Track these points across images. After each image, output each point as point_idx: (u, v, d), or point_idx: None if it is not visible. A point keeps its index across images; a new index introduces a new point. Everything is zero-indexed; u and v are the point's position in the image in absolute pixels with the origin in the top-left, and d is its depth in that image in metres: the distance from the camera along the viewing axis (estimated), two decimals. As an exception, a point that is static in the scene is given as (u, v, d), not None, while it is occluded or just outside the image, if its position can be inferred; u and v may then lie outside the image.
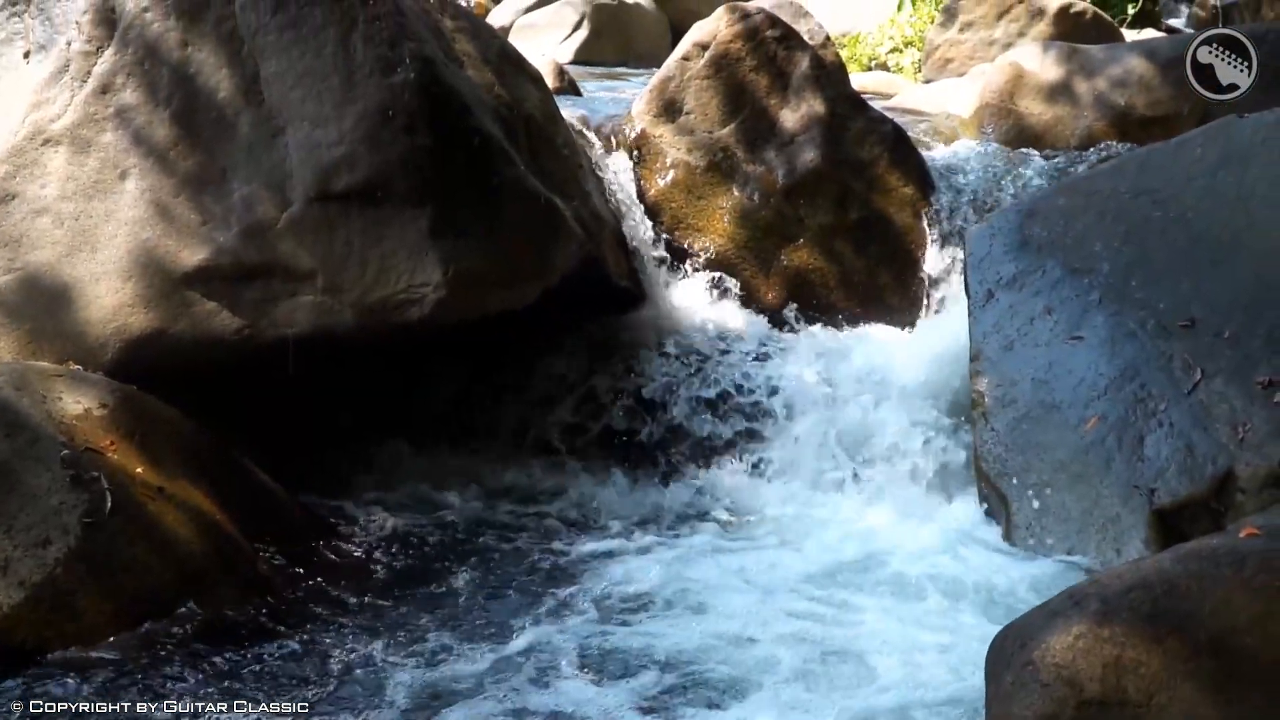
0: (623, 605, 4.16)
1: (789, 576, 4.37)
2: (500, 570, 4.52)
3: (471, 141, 4.90)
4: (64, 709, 3.39)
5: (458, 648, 3.85)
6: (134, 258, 4.77)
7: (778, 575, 4.39)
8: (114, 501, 3.93)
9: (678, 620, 4.04)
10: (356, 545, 4.68)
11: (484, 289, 4.94)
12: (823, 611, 4.08)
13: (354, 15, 4.84)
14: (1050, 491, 4.44)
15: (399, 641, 3.90)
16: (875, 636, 3.88)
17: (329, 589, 4.28)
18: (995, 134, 7.07)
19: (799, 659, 3.75)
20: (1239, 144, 4.69)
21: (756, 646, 3.85)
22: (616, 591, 4.25)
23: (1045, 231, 5.06)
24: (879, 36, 11.38)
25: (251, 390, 4.94)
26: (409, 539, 4.77)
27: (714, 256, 6.13)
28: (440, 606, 4.20)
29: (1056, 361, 4.68)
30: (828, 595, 4.22)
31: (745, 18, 6.38)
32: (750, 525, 4.98)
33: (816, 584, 4.30)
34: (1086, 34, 8.79)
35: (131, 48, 4.88)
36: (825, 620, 4.02)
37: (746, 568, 4.47)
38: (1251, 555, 2.81)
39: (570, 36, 13.46)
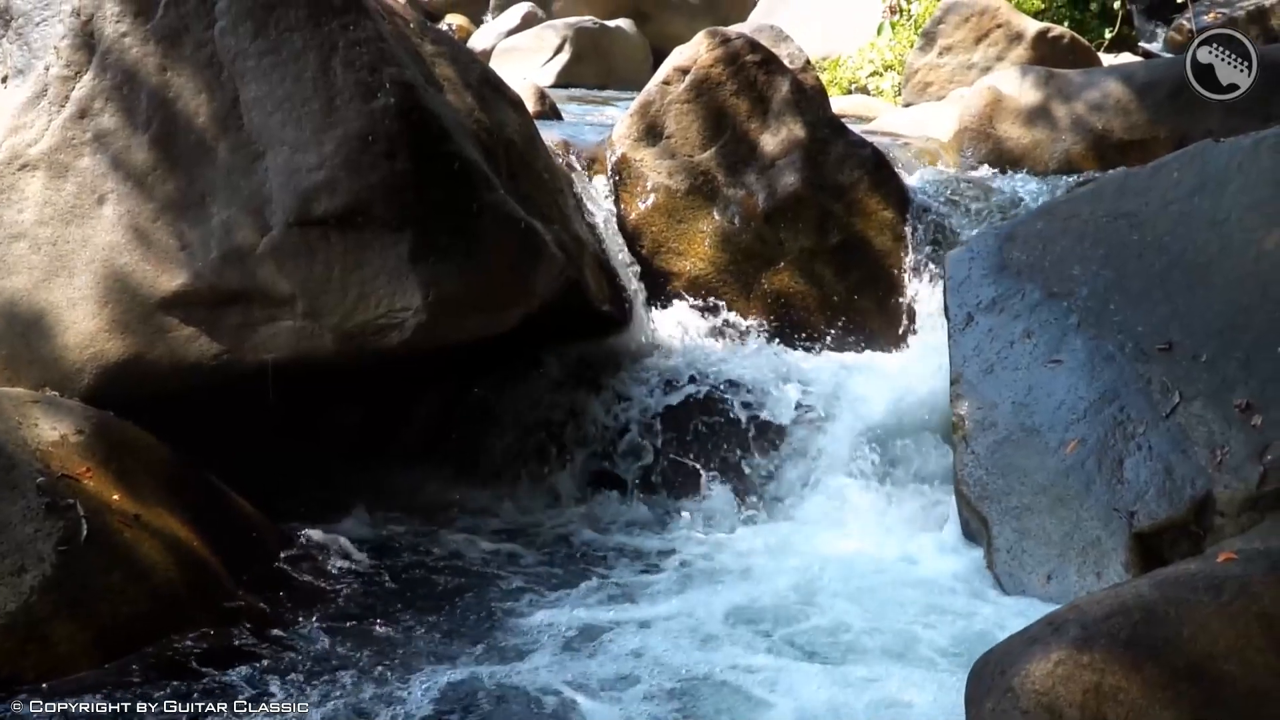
0: (591, 641, 4.11)
1: (765, 604, 4.34)
2: (482, 599, 4.48)
3: (452, 166, 4.90)
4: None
5: (437, 679, 3.82)
6: (111, 283, 4.75)
7: (754, 602, 4.36)
8: (89, 529, 3.90)
9: (662, 653, 4.00)
10: (336, 573, 4.65)
11: (464, 313, 4.93)
12: (798, 637, 4.06)
13: (334, 40, 4.84)
14: (1031, 515, 4.45)
15: (378, 671, 3.87)
16: (852, 660, 3.86)
17: (308, 617, 4.25)
18: (974, 157, 7.10)
19: (773, 684, 3.74)
20: (1215, 168, 4.71)
21: (732, 669, 3.84)
22: (587, 627, 4.20)
23: (1024, 255, 5.07)
24: (859, 60, 11.41)
25: (230, 416, 4.93)
26: (388, 566, 4.75)
27: (695, 280, 6.13)
28: (421, 636, 4.17)
29: (1036, 385, 4.69)
30: (804, 620, 4.20)
31: (725, 42, 6.39)
32: (728, 550, 4.94)
33: (791, 610, 4.28)
34: (1064, 58, 8.84)
35: (110, 72, 4.87)
36: (799, 645, 4.00)
37: (721, 591, 4.46)
38: (1229, 581, 2.82)
39: (552, 60, 13.51)
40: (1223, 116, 6.76)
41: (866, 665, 3.87)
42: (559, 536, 5.14)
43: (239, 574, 4.37)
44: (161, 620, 3.95)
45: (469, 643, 4.10)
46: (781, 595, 4.40)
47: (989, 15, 9.40)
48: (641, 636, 4.10)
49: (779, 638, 4.10)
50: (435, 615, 4.34)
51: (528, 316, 5.15)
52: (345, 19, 4.88)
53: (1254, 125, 5.64)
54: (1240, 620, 2.73)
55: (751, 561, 4.78)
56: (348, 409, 5.34)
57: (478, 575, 4.72)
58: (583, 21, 14.17)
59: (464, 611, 4.37)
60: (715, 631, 4.16)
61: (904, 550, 4.83)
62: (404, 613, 4.35)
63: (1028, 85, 7.29)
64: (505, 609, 4.37)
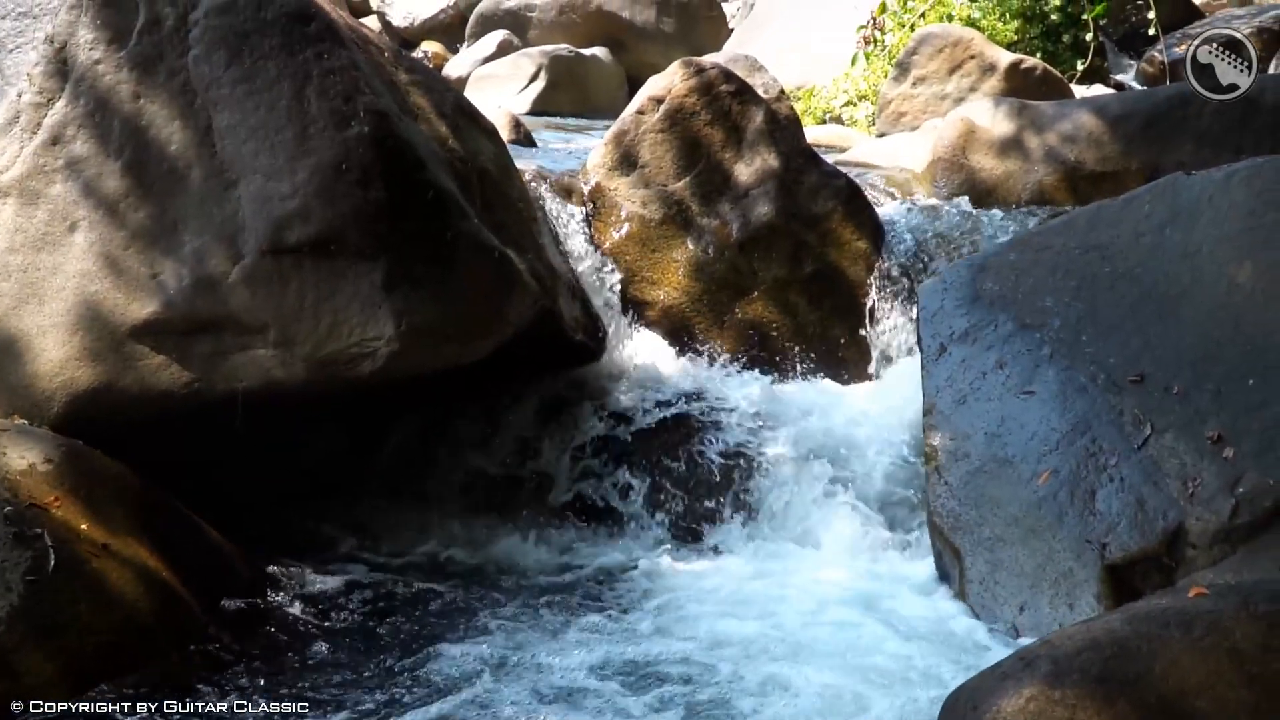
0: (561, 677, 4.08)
1: (733, 637, 4.32)
2: (454, 632, 4.46)
3: (425, 195, 4.89)
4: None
5: (408, 710, 3.80)
6: (82, 311, 4.73)
7: (723, 636, 4.34)
8: (57, 559, 3.87)
9: (633, 687, 3.99)
10: (308, 603, 4.62)
11: (437, 343, 4.91)
12: (767, 672, 4.03)
13: (308, 69, 4.84)
14: (1003, 546, 4.44)
15: (351, 703, 3.84)
16: (823, 695, 3.85)
17: (278, 648, 4.23)
18: (947, 188, 7.13)
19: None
20: (1186, 201, 4.74)
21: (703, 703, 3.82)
22: (557, 662, 4.17)
23: (997, 286, 5.08)
24: (833, 90, 11.45)
25: (201, 445, 4.90)
26: (360, 597, 4.72)
27: (669, 309, 6.14)
28: (392, 666, 4.15)
29: (1009, 415, 4.69)
30: (771, 655, 4.17)
31: (700, 72, 6.41)
32: (698, 581, 4.91)
33: (760, 645, 4.25)
34: (1036, 90, 8.90)
35: (83, 99, 4.85)
36: (769, 681, 3.97)
37: (690, 624, 4.44)
38: (1201, 617, 2.82)
39: (527, 88, 13.54)
40: (1194, 149, 6.82)
41: (835, 700, 3.85)
42: (533, 568, 5.11)
43: (209, 604, 4.34)
44: (130, 651, 3.92)
45: (439, 677, 4.06)
46: (755, 628, 4.39)
47: (962, 46, 9.45)
48: (615, 682, 4.06)
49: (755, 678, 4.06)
50: (406, 649, 4.31)
51: (501, 346, 5.13)
52: (319, 47, 4.88)
53: (1226, 158, 5.69)
54: (1212, 656, 2.73)
55: (730, 592, 4.77)
56: (320, 438, 5.31)
57: (449, 608, 4.69)
58: (558, 49, 14.20)
59: (434, 645, 4.33)
60: (715, 644, 4.19)
61: (875, 580, 4.82)
62: (375, 645, 4.33)
63: (1001, 116, 7.33)
64: (474, 644, 4.32)
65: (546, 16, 15.83)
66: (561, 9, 15.74)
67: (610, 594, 4.84)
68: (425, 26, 17.59)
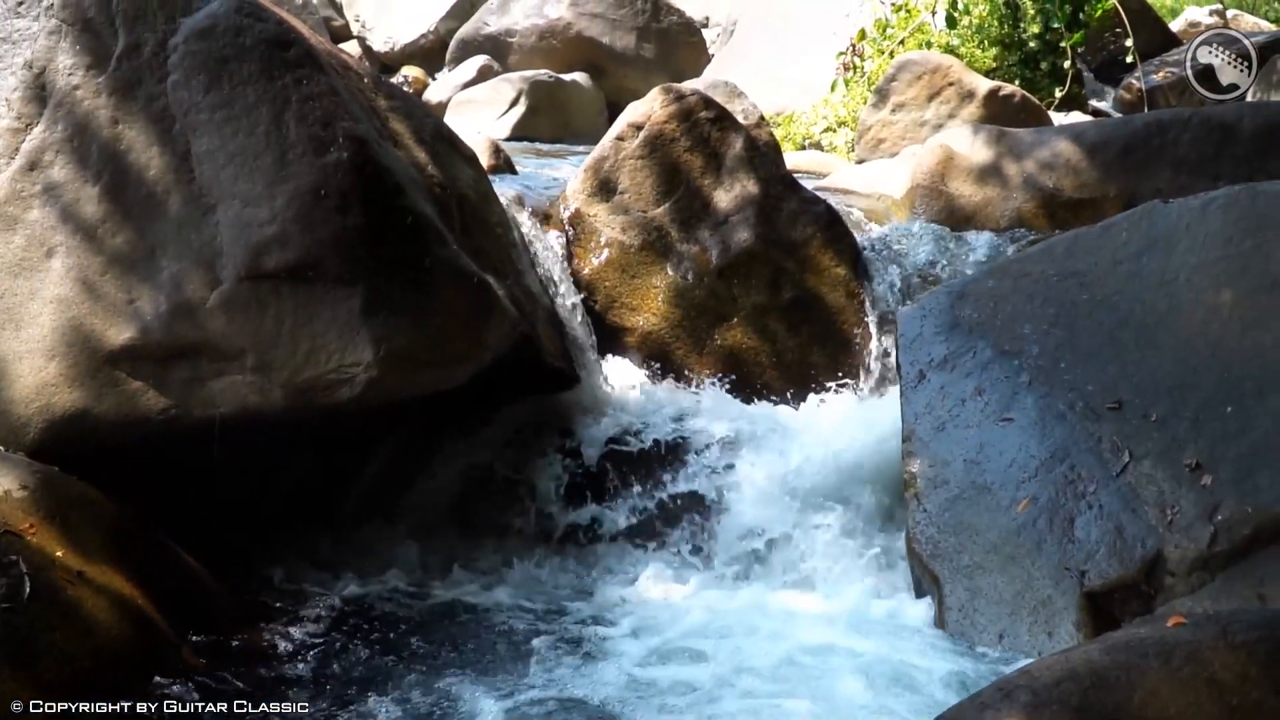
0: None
1: (708, 666, 4.31)
2: (426, 659, 4.44)
3: (404, 221, 4.89)
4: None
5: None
6: (59, 336, 4.70)
7: (698, 666, 4.32)
8: (32, 586, 3.84)
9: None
10: (285, 630, 4.59)
11: (416, 369, 4.90)
12: (743, 704, 4.01)
13: (287, 94, 4.83)
14: (982, 573, 4.45)
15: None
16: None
17: (255, 676, 4.19)
18: (926, 215, 7.15)
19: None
20: (1163, 229, 4.76)
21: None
22: (530, 695, 4.13)
23: (975, 313, 5.10)
24: (813, 116, 11.49)
25: (179, 471, 4.87)
26: (337, 623, 4.70)
27: (648, 335, 6.13)
28: (367, 694, 4.12)
29: (988, 442, 4.70)
30: (745, 687, 4.14)
31: (679, 98, 6.42)
32: (674, 613, 4.88)
33: (736, 674, 4.23)
34: (1015, 116, 8.93)
35: (61, 125, 4.84)
36: (745, 711, 3.96)
37: (664, 654, 4.43)
38: (1179, 646, 2.81)
39: (507, 113, 13.53)
40: (1172, 176, 6.85)
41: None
42: (509, 597, 5.07)
43: (184, 631, 4.31)
44: (105, 680, 3.88)
45: (416, 706, 4.04)
46: (731, 657, 4.38)
47: (941, 73, 9.49)
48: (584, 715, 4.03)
49: (731, 708, 4.04)
50: (382, 678, 4.28)
51: (480, 371, 5.12)
52: (299, 73, 4.88)
53: (1202, 185, 5.73)
54: (1191, 686, 2.73)
55: (705, 621, 4.75)
56: (297, 465, 5.29)
57: (426, 636, 4.66)
58: (539, 75, 14.21)
59: (410, 674, 4.31)
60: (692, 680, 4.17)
61: (853, 608, 4.80)
62: (351, 674, 4.30)
63: (979, 143, 7.35)
64: (448, 674, 4.30)
65: (527, 42, 15.84)
66: (542, 34, 15.75)
67: (588, 624, 4.81)
68: (406, 51, 17.58)
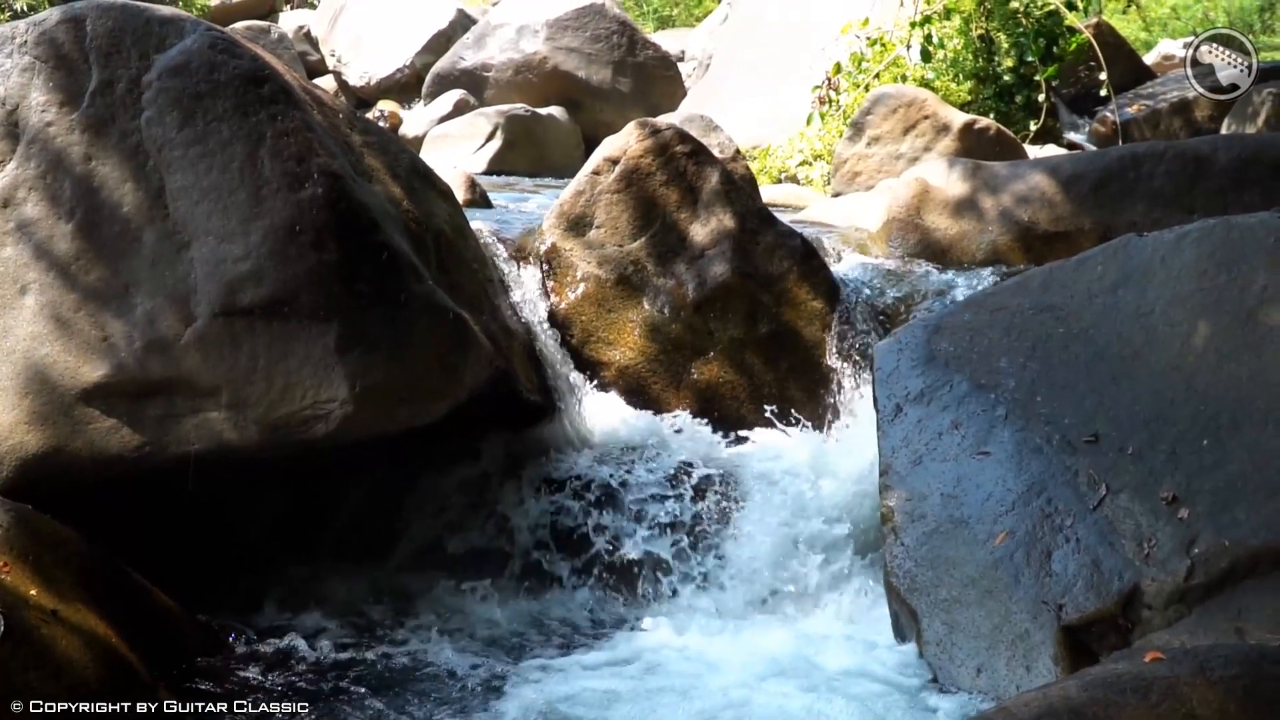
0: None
1: (687, 701, 4.28)
2: (400, 695, 4.41)
3: (380, 256, 4.88)
4: None
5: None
6: (32, 373, 4.68)
7: (677, 701, 4.30)
8: (6, 626, 3.81)
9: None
10: (258, 669, 4.56)
11: (391, 404, 4.88)
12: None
13: (262, 130, 4.83)
14: (960, 607, 4.43)
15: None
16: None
17: (230, 714, 4.16)
18: (902, 248, 7.16)
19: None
20: (1138, 262, 4.78)
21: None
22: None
23: (952, 346, 5.10)
24: (789, 149, 11.54)
25: (153, 509, 4.84)
26: (311, 660, 4.67)
27: (625, 369, 6.13)
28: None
29: (965, 476, 4.69)
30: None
31: (655, 133, 6.43)
32: (652, 644, 4.87)
33: (714, 710, 4.21)
34: (990, 150, 8.99)
35: (34, 161, 4.82)
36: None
37: (644, 689, 4.40)
38: (1157, 682, 2.82)
39: (484, 147, 13.57)
40: (1146, 209, 6.89)
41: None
42: (484, 632, 5.04)
43: (158, 670, 4.28)
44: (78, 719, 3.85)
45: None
46: (709, 694, 4.36)
47: (916, 106, 9.55)
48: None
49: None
50: (360, 709, 4.26)
51: (456, 407, 5.11)
52: (273, 109, 4.87)
53: (1177, 218, 5.76)
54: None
55: (684, 655, 4.73)
56: (272, 501, 5.26)
57: (401, 672, 4.63)
58: (515, 109, 14.26)
59: (385, 710, 4.28)
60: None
61: (831, 641, 4.80)
62: (325, 710, 4.27)
63: (955, 177, 7.38)
64: (420, 710, 4.28)
65: (503, 76, 15.90)
66: (518, 68, 15.82)
67: (566, 656, 4.80)
68: (381, 86, 17.64)
